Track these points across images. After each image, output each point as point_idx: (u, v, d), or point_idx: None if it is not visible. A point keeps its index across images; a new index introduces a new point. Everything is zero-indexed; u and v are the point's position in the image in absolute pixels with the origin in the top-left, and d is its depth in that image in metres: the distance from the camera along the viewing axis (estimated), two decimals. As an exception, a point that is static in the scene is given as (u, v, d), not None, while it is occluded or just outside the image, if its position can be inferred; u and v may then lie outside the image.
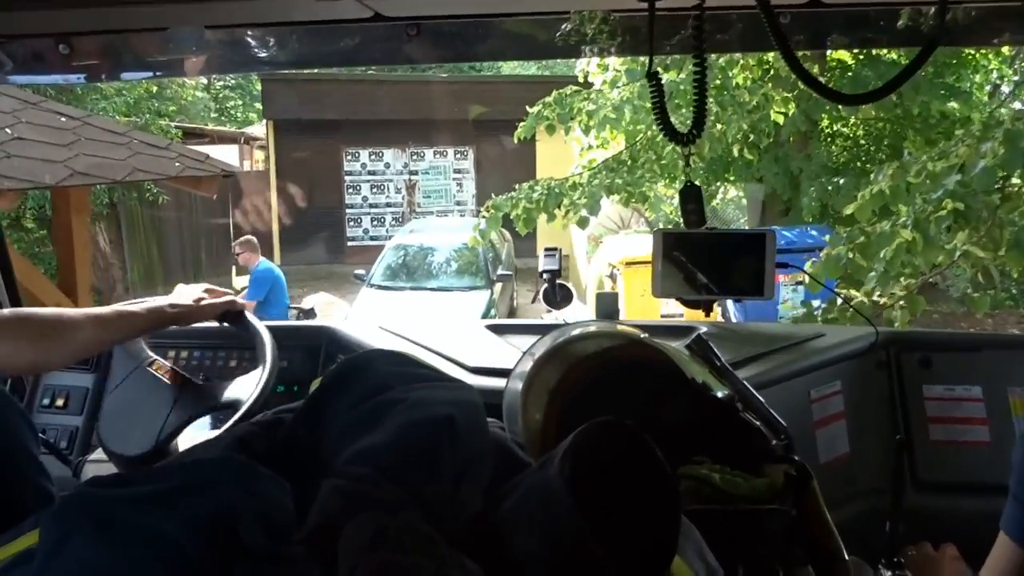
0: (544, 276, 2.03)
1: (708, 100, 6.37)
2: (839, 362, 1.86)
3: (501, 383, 1.19)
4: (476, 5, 1.64)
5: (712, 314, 2.05)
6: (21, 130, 5.38)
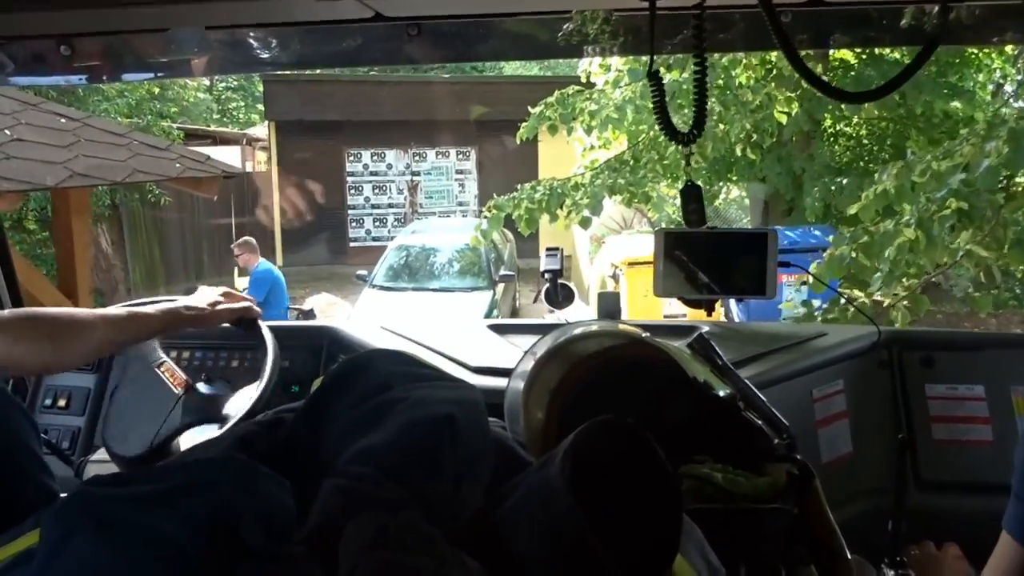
0: (546, 276, 2.03)
1: (711, 100, 6.33)
2: (841, 361, 1.86)
3: (503, 383, 1.19)
4: (477, 5, 1.63)
5: (715, 314, 2.04)
6: (20, 131, 5.34)
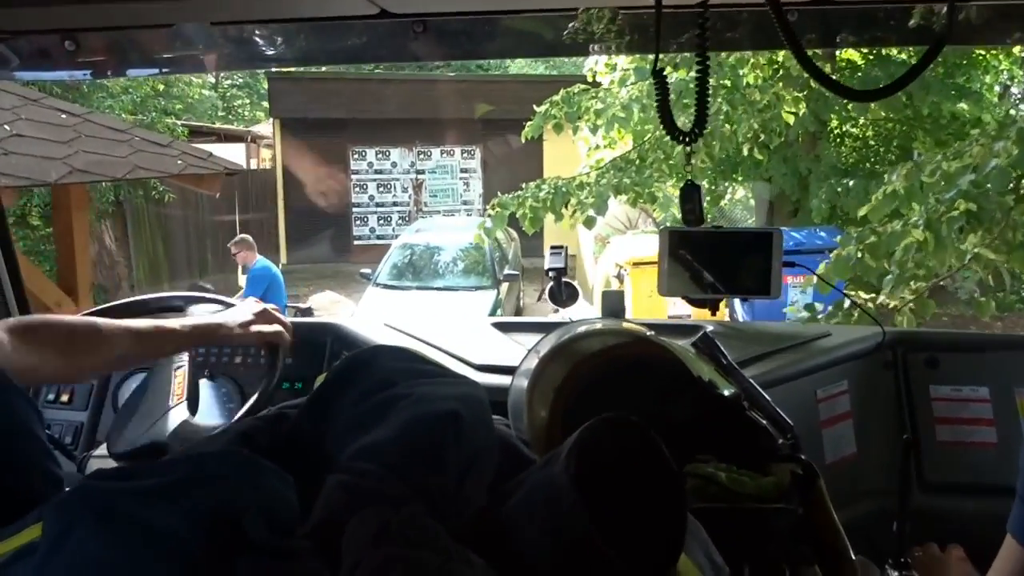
0: (550, 274, 2.03)
1: (718, 99, 6.29)
2: (846, 362, 1.85)
3: (507, 380, 1.18)
4: (483, 2, 1.63)
5: (719, 314, 2.04)
6: (20, 127, 5.30)
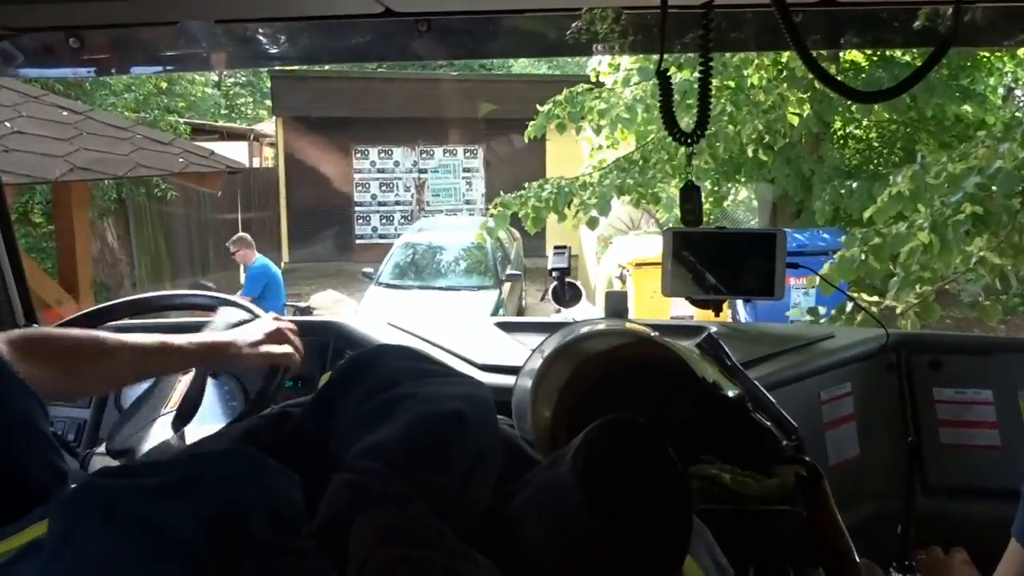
0: (553, 274, 2.03)
1: (723, 100, 6.26)
2: (849, 364, 1.85)
3: (510, 380, 1.18)
4: (487, 1, 1.63)
5: (722, 315, 2.04)
6: (21, 124, 5.29)
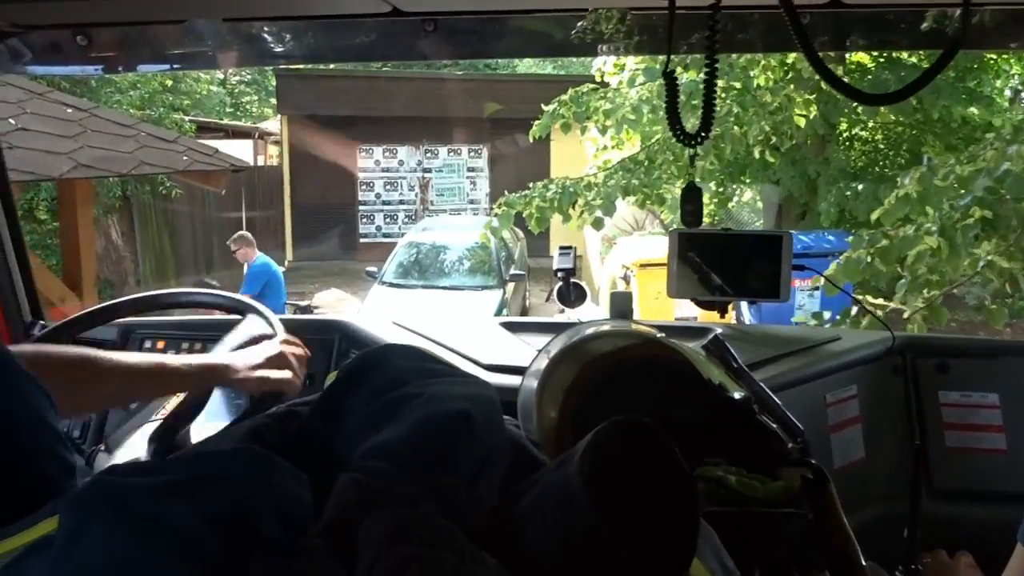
0: (559, 275, 2.03)
1: (729, 101, 6.25)
2: (855, 366, 1.84)
3: (515, 380, 1.18)
4: (494, 1, 1.63)
5: (727, 317, 2.04)
6: (25, 121, 5.28)
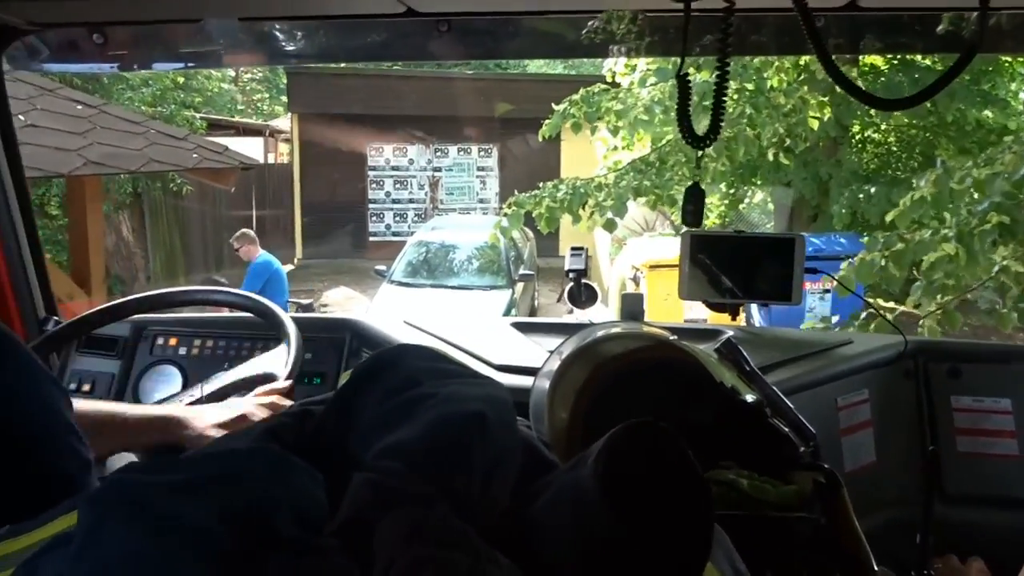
0: (570, 275, 2.02)
1: (742, 103, 6.21)
2: (867, 370, 1.84)
3: (525, 381, 1.18)
4: (508, 2, 1.63)
5: (737, 319, 2.03)
6: (35, 117, 5.27)
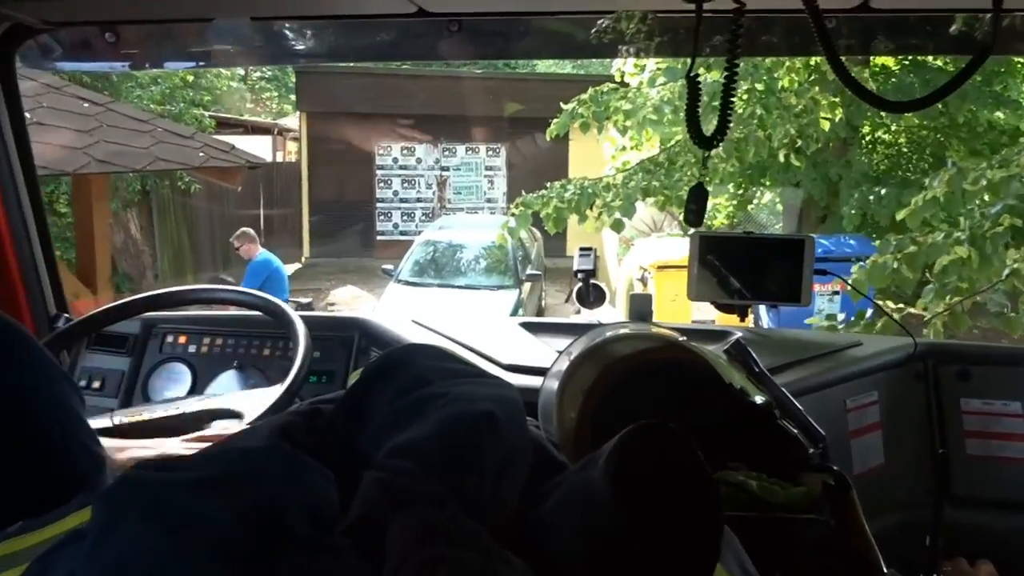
0: (579, 275, 2.02)
1: (753, 104, 6.20)
2: (876, 372, 1.83)
3: (534, 381, 1.19)
4: (519, 2, 1.63)
5: (745, 320, 2.03)
6: (41, 115, 5.26)
